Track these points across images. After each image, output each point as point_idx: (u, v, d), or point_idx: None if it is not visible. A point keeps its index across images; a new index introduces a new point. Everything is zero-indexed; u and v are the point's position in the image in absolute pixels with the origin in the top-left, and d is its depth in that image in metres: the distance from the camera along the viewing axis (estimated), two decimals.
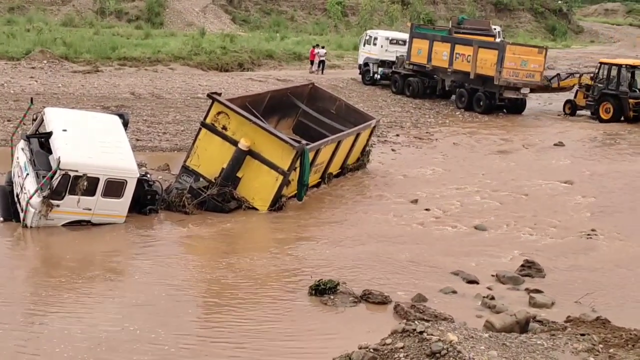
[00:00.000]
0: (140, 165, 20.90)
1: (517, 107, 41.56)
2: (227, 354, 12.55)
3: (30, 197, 17.90)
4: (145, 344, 12.45)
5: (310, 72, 48.54)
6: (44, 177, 18.06)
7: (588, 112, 40.27)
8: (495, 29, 52.56)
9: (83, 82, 37.32)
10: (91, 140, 18.86)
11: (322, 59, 49.71)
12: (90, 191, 18.11)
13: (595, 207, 23.29)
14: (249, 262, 17.02)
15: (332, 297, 14.86)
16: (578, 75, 42.32)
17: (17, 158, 20.01)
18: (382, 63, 46.62)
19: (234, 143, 21.04)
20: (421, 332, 10.26)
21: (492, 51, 39.81)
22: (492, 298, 15.25)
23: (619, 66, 38.89)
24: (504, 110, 41.54)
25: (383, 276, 16.41)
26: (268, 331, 13.39)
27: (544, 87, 41.29)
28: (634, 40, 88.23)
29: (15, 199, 19.07)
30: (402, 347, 10.07)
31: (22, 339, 12.53)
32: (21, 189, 18.70)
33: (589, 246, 19.63)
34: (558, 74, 43.41)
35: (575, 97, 41.33)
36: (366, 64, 47.33)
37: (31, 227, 18.06)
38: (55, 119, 19.63)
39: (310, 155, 21.60)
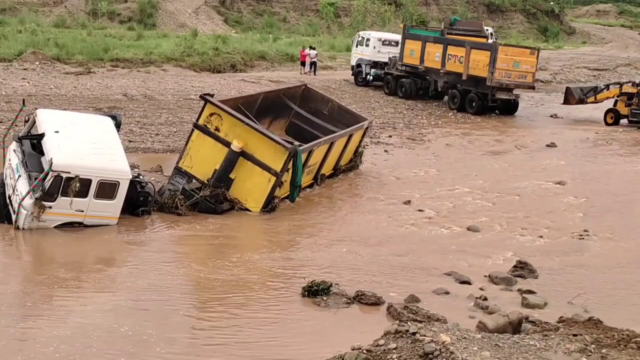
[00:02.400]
0: (132, 167, 20.87)
1: (509, 108, 41.67)
2: (219, 355, 12.52)
3: (23, 199, 17.85)
4: (136, 346, 12.41)
5: (302, 74, 48.52)
6: (36, 178, 18.01)
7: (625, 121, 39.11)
8: (487, 30, 52.69)
9: (75, 84, 37.26)
10: (83, 142, 18.80)
11: (313, 60, 49.72)
12: (83, 193, 18.06)
13: (587, 207, 23.35)
14: (241, 264, 17.00)
15: (324, 298, 14.85)
16: (618, 85, 40.70)
17: (9, 160, 19.95)
18: (374, 64, 46.69)
19: (227, 144, 21.03)
20: (414, 333, 10.27)
21: (485, 52, 39.91)
22: (485, 299, 15.27)
23: None
24: (497, 111, 41.66)
25: (376, 277, 16.41)
26: (260, 332, 13.37)
27: (579, 101, 40.49)
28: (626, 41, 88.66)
29: (7, 200, 18.98)
30: (394, 348, 10.07)
31: (16, 338, 12.51)
32: (13, 190, 18.64)
33: (582, 247, 19.68)
34: (595, 87, 42.17)
35: (615, 105, 39.89)
36: (359, 65, 47.38)
37: (23, 228, 18.00)
38: (47, 120, 19.57)
39: (303, 157, 21.60)
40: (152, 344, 12.52)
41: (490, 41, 48.04)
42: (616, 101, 39.89)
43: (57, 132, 18.84)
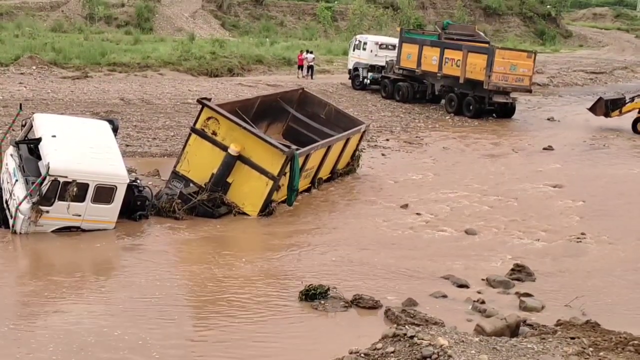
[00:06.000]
0: (130, 171, 20.85)
1: (506, 111, 41.70)
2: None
3: (20, 204, 17.85)
4: (132, 350, 12.39)
5: (299, 78, 48.52)
6: (33, 183, 18.01)
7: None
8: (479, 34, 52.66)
9: (72, 88, 37.23)
10: (81, 146, 18.80)
11: (310, 63, 49.75)
12: (80, 197, 18.05)
13: (584, 210, 23.37)
14: (238, 268, 16.99)
15: (322, 302, 14.84)
16: None
17: (6, 164, 19.93)
18: (371, 68, 46.68)
19: (224, 148, 21.03)
20: (412, 337, 10.28)
21: (482, 56, 39.90)
22: (483, 302, 15.26)
23: None
24: (494, 114, 41.68)
25: (373, 281, 16.41)
26: (258, 337, 13.35)
27: (604, 115, 38.98)
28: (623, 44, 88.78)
29: (4, 205, 18.97)
30: (392, 352, 10.08)
31: (13, 340, 12.55)
32: (10, 195, 18.62)
33: (579, 250, 19.69)
34: (621, 99, 40.07)
35: None
36: (356, 69, 47.38)
37: (20, 233, 18.00)
38: (44, 125, 19.57)
39: (300, 160, 21.61)
40: (147, 348, 12.50)
41: None
42: None
43: (54, 136, 18.84)
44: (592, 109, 39.81)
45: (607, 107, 38.99)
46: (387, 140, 34.14)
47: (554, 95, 52.02)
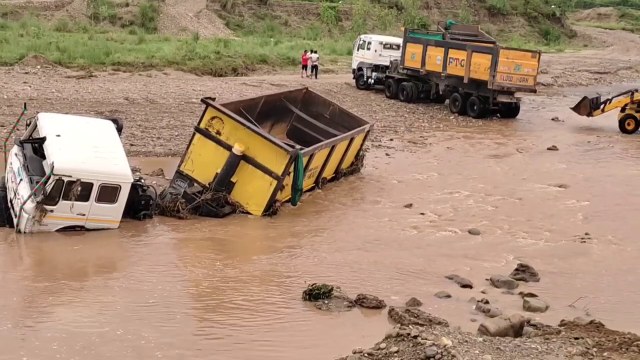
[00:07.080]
0: (134, 171, 20.88)
1: (511, 111, 41.65)
2: None
3: (24, 203, 17.85)
4: (134, 350, 12.40)
5: (303, 77, 48.54)
6: (37, 182, 18.02)
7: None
8: None
9: (77, 87, 37.27)
10: (85, 146, 18.82)
11: (314, 63, 49.75)
12: (84, 196, 18.07)
13: (589, 211, 23.33)
14: (242, 267, 16.99)
15: (326, 301, 14.84)
16: (630, 93, 38.41)
17: (11, 163, 19.97)
18: (375, 67, 46.68)
19: (228, 148, 21.04)
20: (415, 337, 10.26)
21: (486, 55, 39.86)
22: (487, 302, 15.26)
23: None
24: (498, 114, 41.61)
25: (377, 280, 16.40)
26: (261, 337, 13.36)
27: (587, 114, 39.11)
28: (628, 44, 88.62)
29: (9, 204, 19.01)
30: (396, 352, 10.07)
31: (17, 339, 12.59)
32: (15, 194, 18.65)
33: (583, 250, 19.66)
34: (598, 98, 40.08)
35: (623, 112, 38.35)
36: (360, 69, 47.37)
37: (25, 232, 18.01)
38: (48, 124, 19.60)
39: (304, 160, 21.60)
40: (150, 348, 12.51)
41: None
42: (624, 109, 38.36)
43: (58, 136, 18.87)
44: (576, 108, 40.01)
45: (590, 106, 39.05)
46: (391, 140, 34.14)
47: (558, 95, 51.97)
